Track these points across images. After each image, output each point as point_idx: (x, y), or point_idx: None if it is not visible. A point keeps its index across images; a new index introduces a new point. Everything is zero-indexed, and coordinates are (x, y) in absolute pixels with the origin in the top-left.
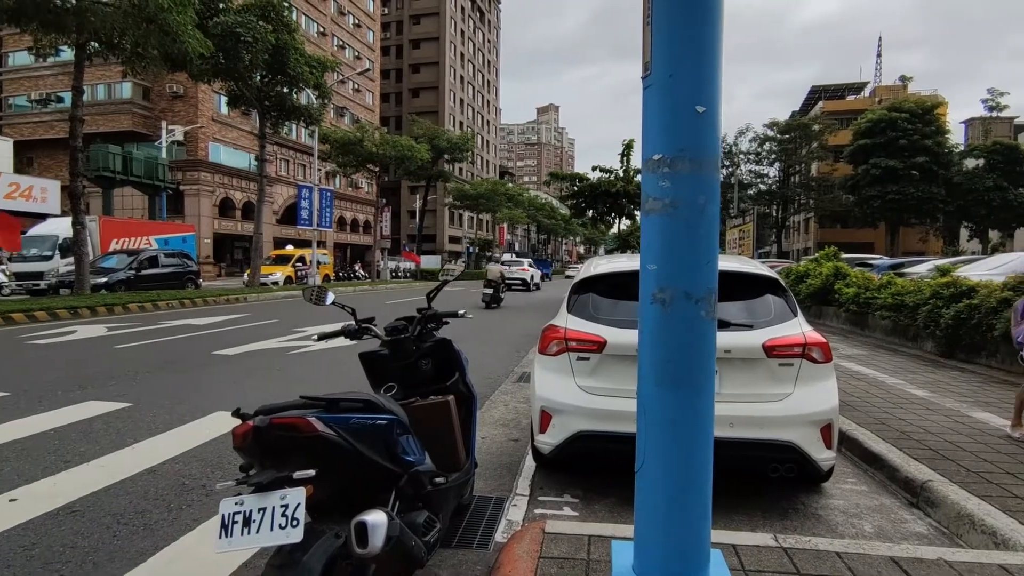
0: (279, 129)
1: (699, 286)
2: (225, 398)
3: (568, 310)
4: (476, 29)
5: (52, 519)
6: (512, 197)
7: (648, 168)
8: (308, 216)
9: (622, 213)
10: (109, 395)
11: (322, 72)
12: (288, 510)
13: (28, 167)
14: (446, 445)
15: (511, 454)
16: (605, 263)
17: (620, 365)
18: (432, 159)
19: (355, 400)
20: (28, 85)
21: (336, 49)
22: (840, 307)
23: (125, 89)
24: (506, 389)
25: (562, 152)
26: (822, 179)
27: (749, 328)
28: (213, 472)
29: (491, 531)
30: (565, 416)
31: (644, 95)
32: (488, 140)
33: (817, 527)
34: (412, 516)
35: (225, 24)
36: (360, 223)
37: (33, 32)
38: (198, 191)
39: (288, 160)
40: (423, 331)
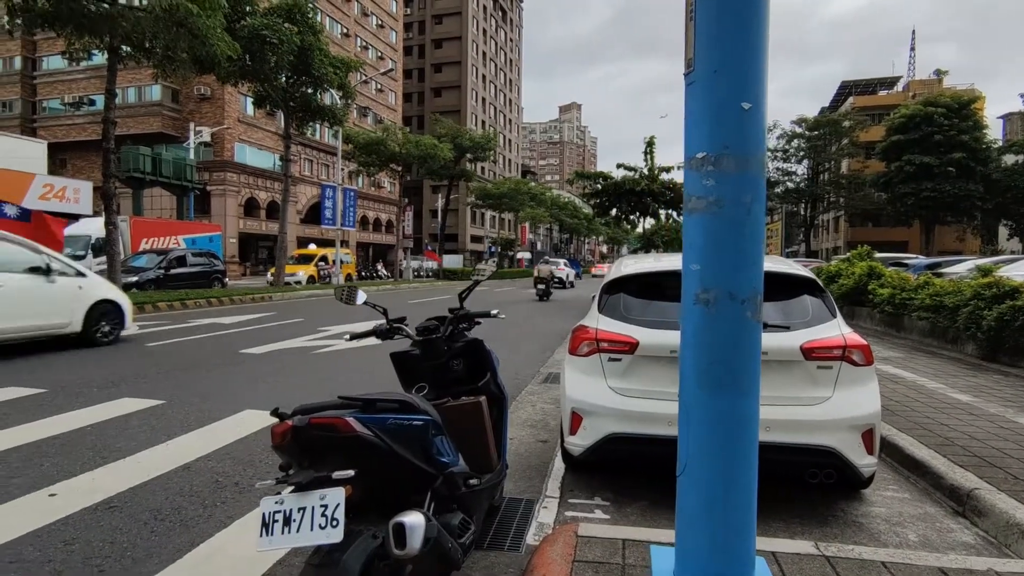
0: (303, 129)
1: (745, 287)
2: (254, 396)
3: (599, 310)
4: (498, 28)
5: (91, 514)
6: (535, 196)
7: (691, 166)
8: (332, 216)
9: (646, 212)
10: (142, 392)
11: (346, 72)
12: (328, 510)
13: (61, 168)
14: (478, 446)
15: (539, 455)
16: (635, 263)
17: (653, 366)
18: (455, 158)
19: (391, 400)
20: (61, 88)
21: (359, 50)
22: (874, 308)
23: (155, 92)
24: (533, 390)
25: (584, 151)
26: (853, 176)
27: (786, 329)
28: (245, 470)
29: (522, 533)
30: (596, 418)
31: (687, 92)
32: (510, 139)
33: (859, 535)
34: (448, 517)
35: (252, 27)
36: (383, 223)
37: (67, 36)
38: (224, 191)
39: (312, 160)
40: (455, 331)
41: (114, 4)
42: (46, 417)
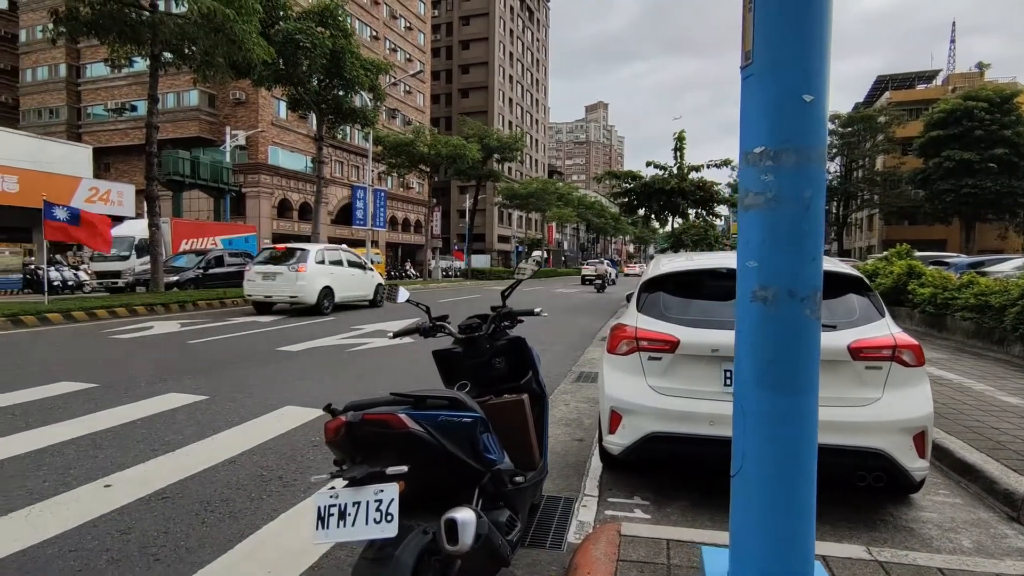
0: (335, 132)
1: (804, 284)
2: (293, 393)
3: (638, 309)
4: (525, 28)
5: (145, 505)
6: (562, 196)
7: (748, 161)
8: (362, 216)
9: (676, 211)
10: (187, 388)
11: (376, 75)
12: (382, 505)
13: (105, 172)
14: (521, 444)
15: (576, 454)
16: (672, 261)
17: (694, 365)
18: (482, 159)
19: (442, 397)
20: (104, 95)
21: (388, 52)
22: (914, 308)
23: (192, 97)
24: (566, 388)
25: (611, 150)
26: (888, 173)
27: (832, 329)
28: (288, 464)
29: (563, 531)
30: (636, 417)
31: (743, 86)
32: (537, 139)
33: (910, 541)
34: (495, 514)
35: (286, 31)
36: (411, 223)
37: (110, 43)
38: (258, 193)
39: (343, 162)
40: (497, 329)
41: (155, 11)
42: (99, 411)
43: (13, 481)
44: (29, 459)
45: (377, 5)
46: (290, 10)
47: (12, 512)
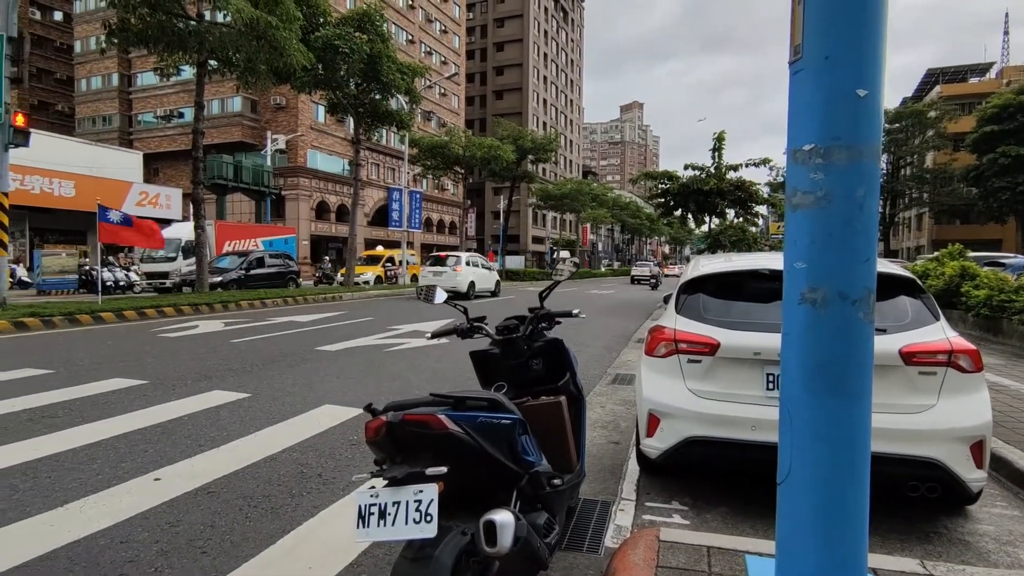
0: (371, 135)
1: (856, 286)
2: (331, 392)
3: (676, 310)
4: (559, 29)
5: (192, 498)
6: (596, 197)
7: (796, 159)
8: (398, 218)
9: (714, 211)
10: (230, 386)
11: (412, 78)
12: (422, 505)
13: (154, 177)
14: (558, 446)
15: (612, 457)
16: (712, 263)
17: (735, 368)
18: (516, 160)
19: (481, 399)
20: (153, 103)
21: (424, 55)
22: (968, 311)
23: (236, 103)
24: (601, 391)
25: (646, 150)
26: (938, 170)
27: (882, 332)
28: (327, 462)
29: (600, 535)
30: (675, 420)
31: (792, 81)
32: (571, 140)
33: (966, 554)
34: (533, 517)
35: (325, 37)
36: (446, 224)
37: (159, 53)
38: (297, 196)
39: (379, 164)
40: (534, 330)
41: (201, 21)
42: (149, 407)
43: (69, 474)
44: (84, 452)
45: (413, 9)
46: (329, 17)
47: (68, 503)
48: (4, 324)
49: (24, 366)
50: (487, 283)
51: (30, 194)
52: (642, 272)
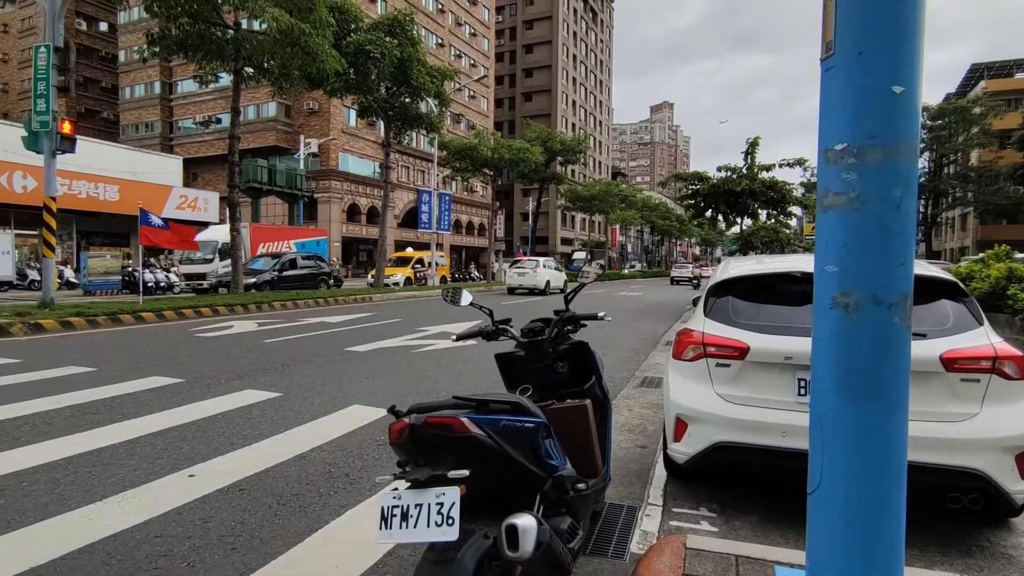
0: (401, 138)
1: (892, 290)
2: (360, 392)
3: (705, 313)
4: (588, 30)
5: (224, 495)
6: (625, 198)
7: (828, 159)
8: (428, 220)
9: (745, 212)
10: (262, 385)
11: (442, 81)
12: (443, 508)
13: (193, 181)
14: (583, 450)
15: (639, 461)
16: (742, 265)
17: (765, 373)
18: (545, 161)
19: (504, 402)
20: (193, 109)
21: (453, 58)
22: (1015, 315)
23: (271, 109)
24: (628, 394)
25: (676, 151)
26: (984, 168)
27: (922, 337)
28: (354, 462)
29: (625, 540)
30: (702, 425)
31: (823, 78)
32: (600, 141)
33: (1009, 569)
34: (557, 521)
35: (356, 42)
36: (475, 226)
37: (198, 61)
38: (329, 198)
39: (409, 167)
40: (559, 333)
41: (238, 29)
42: (185, 404)
43: (108, 469)
44: (123, 448)
45: (443, 13)
46: (361, 22)
47: (106, 498)
48: (51, 323)
49: (69, 364)
50: (557, 282)
51: (77, 198)
52: (682, 273)
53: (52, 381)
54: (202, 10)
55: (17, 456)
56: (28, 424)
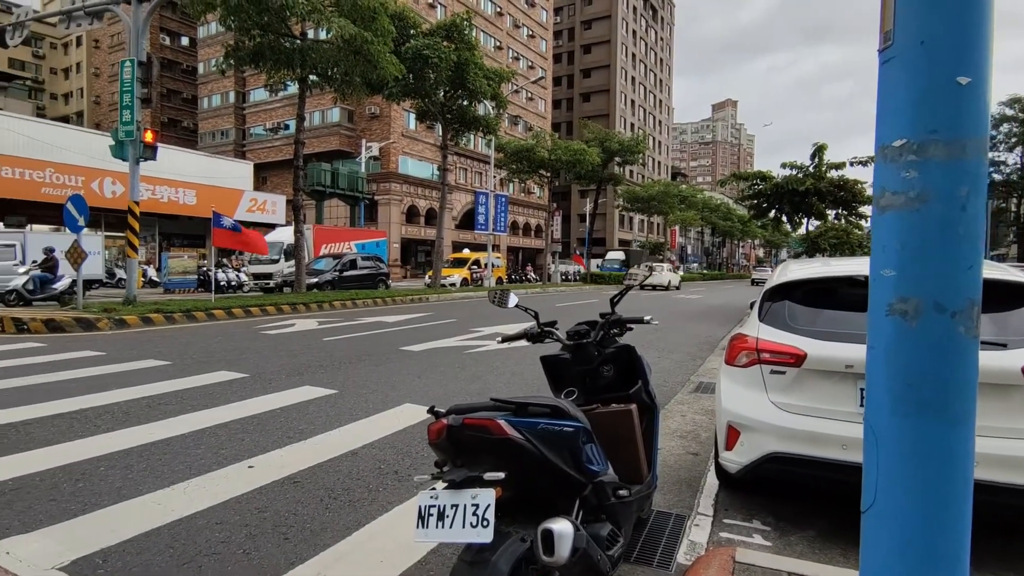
0: (459, 140)
1: (956, 296)
2: (412, 391)
3: (760, 318)
4: (648, 28)
5: (279, 487)
6: (685, 199)
7: (885, 156)
8: (484, 221)
9: (811, 213)
10: (320, 382)
11: (499, 84)
12: (479, 510)
13: (263, 185)
14: (628, 456)
15: (690, 468)
16: (802, 267)
17: (824, 382)
18: (603, 162)
19: (543, 405)
20: (263, 117)
21: (511, 60)
22: None
23: (334, 114)
24: (683, 399)
25: (739, 150)
26: None
27: (1002, 347)
28: (403, 460)
29: (672, 550)
30: (756, 434)
31: (881, 71)
32: (660, 141)
33: None
34: (596, 528)
35: (415, 48)
36: (532, 227)
37: (268, 70)
38: (389, 200)
39: (466, 169)
40: (606, 336)
41: (304, 39)
42: (249, 399)
43: (177, 457)
44: (191, 438)
45: (501, 16)
46: (419, 28)
47: (174, 485)
48: (134, 319)
49: (147, 357)
50: (675, 280)
51: (159, 202)
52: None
53: (131, 373)
54: (272, 22)
55: (98, 442)
56: (109, 413)
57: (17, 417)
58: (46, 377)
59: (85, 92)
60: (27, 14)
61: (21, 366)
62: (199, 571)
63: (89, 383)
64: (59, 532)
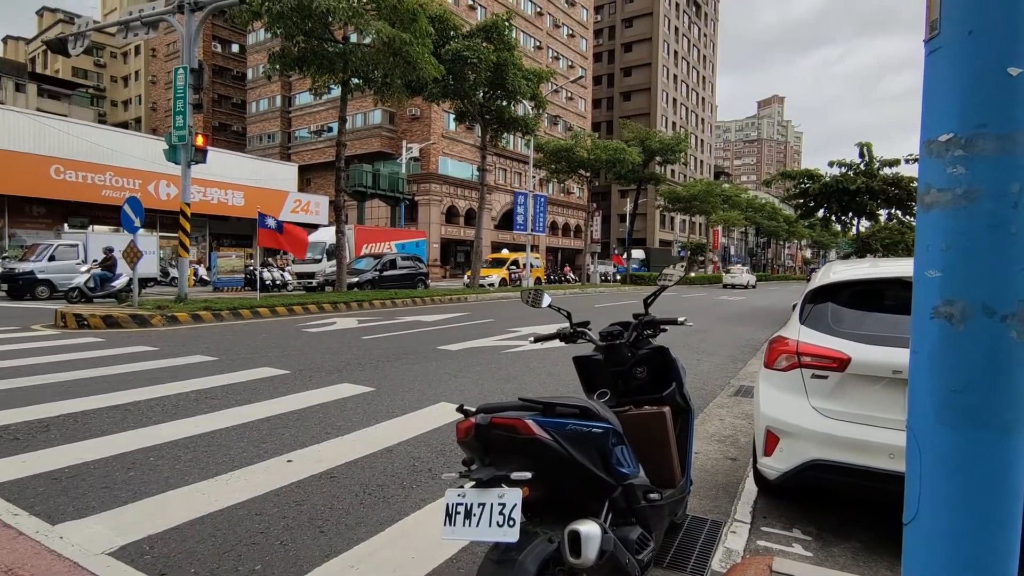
0: (498, 141)
1: (1007, 299)
2: (447, 390)
3: (801, 321)
4: (691, 24)
5: (316, 481)
6: (728, 198)
7: (931, 151)
8: (523, 221)
9: (862, 212)
10: (358, 379)
11: (538, 84)
12: (505, 509)
13: (307, 186)
14: (660, 459)
15: (727, 474)
16: (848, 268)
17: (870, 387)
18: (643, 162)
19: (572, 406)
20: (308, 120)
21: (551, 60)
22: None
23: (376, 116)
24: (722, 402)
25: (786, 148)
26: None
27: None
28: (437, 458)
29: (706, 557)
30: (796, 440)
31: (927, 63)
32: (702, 139)
33: None
34: (625, 531)
35: (454, 49)
36: (571, 227)
37: (311, 74)
38: (428, 201)
39: (505, 169)
40: (639, 337)
41: (347, 43)
42: (290, 394)
43: (221, 449)
44: (234, 431)
45: (541, 16)
46: (459, 30)
47: (218, 476)
48: (184, 316)
49: (196, 353)
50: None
51: (210, 204)
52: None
53: (181, 368)
54: (315, 28)
55: (149, 433)
56: (160, 405)
57: (77, 408)
58: (104, 370)
59: (143, 99)
60: (88, 24)
61: (82, 360)
62: (239, 560)
63: (143, 377)
64: (110, 518)
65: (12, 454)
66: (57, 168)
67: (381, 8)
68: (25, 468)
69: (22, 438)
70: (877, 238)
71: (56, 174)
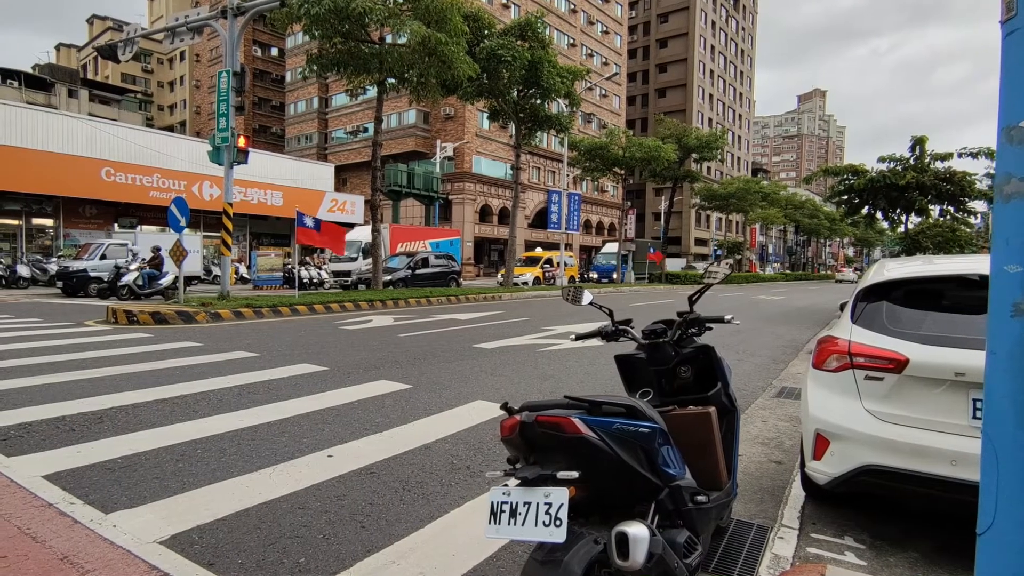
0: (532, 139)
1: None
2: (484, 388)
3: (853, 320)
4: (729, 18)
5: (356, 476)
6: (766, 196)
7: (1011, 138)
8: (557, 220)
9: (911, 209)
10: (395, 376)
11: (572, 81)
12: (551, 509)
13: (343, 186)
14: (706, 461)
15: (772, 477)
16: (902, 266)
17: (928, 390)
18: (679, 159)
19: (618, 405)
20: (344, 120)
21: (585, 57)
22: None
23: (411, 116)
24: (764, 404)
25: (828, 143)
26: None
27: None
28: (475, 456)
29: (754, 562)
30: (848, 444)
31: (1005, 44)
32: (740, 136)
33: None
34: (672, 534)
35: (489, 48)
36: (605, 226)
37: (348, 75)
38: (462, 200)
39: (539, 168)
40: (683, 336)
41: (382, 43)
42: (329, 391)
43: (264, 443)
44: (276, 427)
45: (575, 13)
46: (493, 28)
47: (261, 469)
48: (227, 313)
49: (239, 349)
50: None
51: (250, 204)
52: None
53: (225, 363)
54: (352, 29)
55: (196, 426)
56: (205, 399)
57: (128, 400)
58: (153, 365)
59: (188, 103)
60: (136, 31)
61: (132, 355)
62: (284, 552)
63: (189, 371)
64: (160, 508)
65: (68, 444)
66: (108, 170)
67: (416, 8)
68: (80, 458)
69: (77, 429)
70: (927, 235)
71: (107, 176)
